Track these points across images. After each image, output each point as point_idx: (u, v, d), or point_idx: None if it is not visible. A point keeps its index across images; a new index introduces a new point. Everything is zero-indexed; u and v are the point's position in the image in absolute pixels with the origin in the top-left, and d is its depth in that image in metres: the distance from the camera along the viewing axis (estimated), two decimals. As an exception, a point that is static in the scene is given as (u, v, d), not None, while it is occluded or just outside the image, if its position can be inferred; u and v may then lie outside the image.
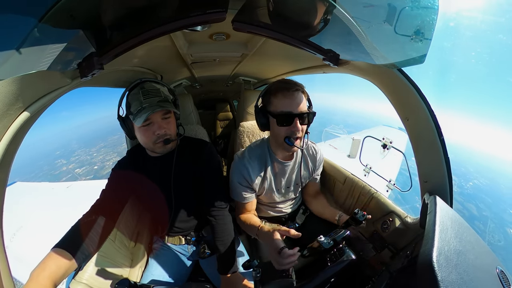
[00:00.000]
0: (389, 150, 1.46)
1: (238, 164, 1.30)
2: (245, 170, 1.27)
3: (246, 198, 1.32)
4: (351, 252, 0.90)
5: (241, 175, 1.28)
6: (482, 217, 43.34)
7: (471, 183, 64.15)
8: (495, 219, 42.54)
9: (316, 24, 0.81)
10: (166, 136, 1.14)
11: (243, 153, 1.33)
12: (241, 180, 1.29)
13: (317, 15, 0.78)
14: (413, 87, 0.95)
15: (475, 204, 47.83)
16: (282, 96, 1.11)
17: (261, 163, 1.31)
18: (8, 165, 0.67)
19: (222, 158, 3.16)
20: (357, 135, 8.74)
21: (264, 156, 1.32)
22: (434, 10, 0.60)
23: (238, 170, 1.29)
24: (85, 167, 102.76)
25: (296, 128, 1.10)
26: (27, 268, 0.78)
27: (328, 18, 0.77)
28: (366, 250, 1.30)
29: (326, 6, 0.73)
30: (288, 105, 1.10)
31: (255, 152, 1.31)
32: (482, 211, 46.24)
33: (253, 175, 1.28)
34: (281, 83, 1.14)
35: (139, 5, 0.61)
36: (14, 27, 0.46)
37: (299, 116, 1.10)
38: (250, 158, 1.29)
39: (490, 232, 36.61)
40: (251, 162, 1.28)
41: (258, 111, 1.22)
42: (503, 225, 40.54)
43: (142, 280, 1.24)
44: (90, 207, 1.11)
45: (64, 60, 0.62)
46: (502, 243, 35.06)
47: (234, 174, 1.30)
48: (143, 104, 1.08)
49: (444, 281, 0.51)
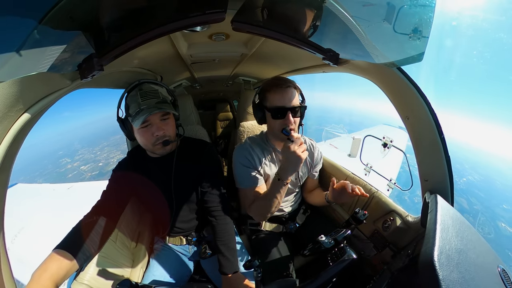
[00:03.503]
0: (389, 149, 1.46)
1: (240, 149, 1.36)
2: (248, 153, 1.33)
3: (256, 180, 1.30)
4: (352, 252, 0.90)
5: (245, 157, 1.32)
6: (473, 210, 44.41)
7: (465, 179, 64.92)
8: (486, 213, 43.50)
9: (315, 24, 0.81)
10: (165, 138, 1.13)
11: (243, 142, 1.42)
12: (246, 162, 1.31)
13: (317, 15, 0.78)
14: (413, 85, 0.95)
15: (466, 198, 48.88)
16: (276, 92, 1.20)
17: (262, 149, 1.38)
18: (9, 166, 0.67)
19: (222, 158, 3.16)
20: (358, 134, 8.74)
21: (264, 144, 1.40)
22: (431, 8, 0.60)
23: (241, 154, 1.33)
24: (89, 164, 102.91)
25: (288, 121, 1.19)
26: (28, 269, 0.79)
27: (328, 18, 0.77)
28: (367, 250, 1.30)
29: (326, 5, 0.73)
30: (281, 100, 1.19)
31: (255, 141, 1.41)
32: (473, 205, 47.35)
33: (256, 158, 1.33)
34: (275, 80, 1.24)
35: (138, 6, 0.62)
36: (14, 29, 0.47)
37: (291, 110, 1.19)
38: (252, 144, 1.37)
39: (480, 225, 37.35)
40: (253, 147, 1.36)
41: (256, 106, 1.33)
42: (495, 219, 41.44)
43: (143, 280, 1.24)
44: (91, 208, 1.11)
45: (64, 62, 0.62)
46: (492, 236, 36.06)
47: (238, 158, 1.33)
48: (141, 106, 1.08)
49: (445, 280, 0.51)
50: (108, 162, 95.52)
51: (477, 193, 54.76)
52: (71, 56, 0.63)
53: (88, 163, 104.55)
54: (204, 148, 1.32)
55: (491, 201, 49.68)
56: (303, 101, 1.32)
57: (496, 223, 39.66)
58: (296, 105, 1.21)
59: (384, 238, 1.22)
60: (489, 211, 44.33)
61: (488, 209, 45.20)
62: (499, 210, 45.19)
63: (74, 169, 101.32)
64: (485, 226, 37.77)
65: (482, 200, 50.26)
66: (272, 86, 1.21)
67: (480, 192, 56.33)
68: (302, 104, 1.28)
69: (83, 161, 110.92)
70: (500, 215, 43.19)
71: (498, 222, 39.85)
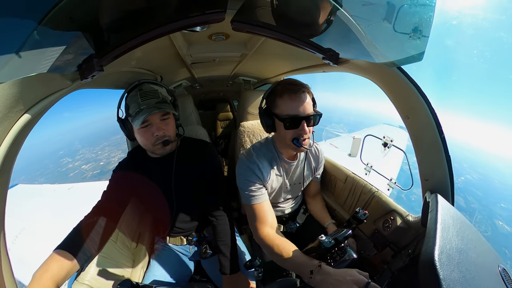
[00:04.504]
0: (390, 148, 1.45)
1: (247, 162, 1.22)
2: (256, 167, 1.20)
3: (261, 197, 1.19)
4: (353, 251, 0.90)
5: (251, 171, 1.19)
6: (470, 208, 44.82)
7: (463, 178, 65.34)
8: (483, 211, 43.87)
9: (315, 23, 0.81)
10: (165, 138, 1.13)
11: (249, 152, 1.28)
12: (252, 177, 1.19)
13: (316, 14, 0.78)
14: (413, 85, 0.95)
15: (463, 197, 49.43)
16: (289, 98, 1.08)
17: (269, 161, 1.27)
18: (9, 167, 0.67)
19: (222, 158, 3.16)
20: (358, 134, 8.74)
21: (271, 155, 1.28)
22: (431, 7, 0.60)
23: (247, 168, 1.20)
24: (91, 163, 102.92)
25: (303, 131, 1.09)
26: (29, 270, 0.79)
27: (327, 17, 0.77)
28: (367, 249, 1.30)
29: (325, 5, 0.73)
30: (295, 108, 1.07)
31: (261, 151, 1.27)
32: (470, 203, 47.72)
33: (265, 173, 1.22)
34: (287, 84, 1.11)
35: (138, 6, 0.61)
36: (13, 30, 0.47)
37: (306, 119, 1.08)
38: (258, 156, 1.24)
39: (476, 223, 37.82)
40: (261, 160, 1.23)
41: (263, 113, 1.20)
42: (492, 217, 41.80)
43: (144, 280, 1.24)
44: (92, 208, 1.11)
45: (64, 63, 0.62)
46: (489, 233, 36.41)
47: (243, 172, 1.21)
48: (141, 106, 1.08)
49: (446, 280, 0.51)
50: (109, 161, 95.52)
51: (474, 192, 55.24)
52: (71, 56, 0.63)
53: (90, 162, 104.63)
54: (204, 148, 1.32)
55: (488, 200, 50.13)
56: (314, 105, 1.18)
57: (493, 221, 40.10)
58: (310, 113, 1.09)
59: (385, 237, 1.22)
60: (486, 210, 44.78)
61: (486, 208, 45.65)
62: (497, 209, 45.65)
63: (76, 168, 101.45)
64: (481, 224, 38.22)
65: (479, 199, 50.69)
66: (284, 91, 1.08)
67: (477, 190, 56.79)
68: (316, 110, 1.16)
69: (84, 160, 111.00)
70: (498, 213, 43.63)
71: (496, 220, 40.27)
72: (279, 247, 1.01)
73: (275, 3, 0.75)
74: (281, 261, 0.99)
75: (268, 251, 1.08)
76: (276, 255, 1.01)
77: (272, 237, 1.08)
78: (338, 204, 1.62)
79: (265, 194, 1.21)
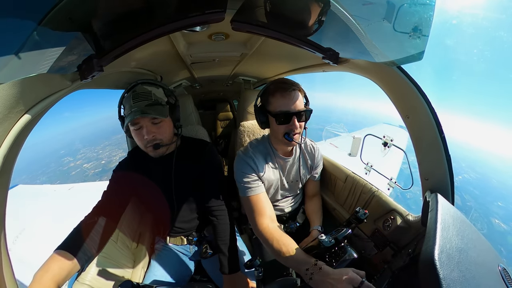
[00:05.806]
0: (390, 148, 1.45)
1: (243, 157, 1.29)
2: (251, 160, 1.27)
3: (257, 189, 1.23)
4: (353, 251, 0.90)
5: (247, 165, 1.25)
6: (466, 206, 45.40)
7: (460, 177, 65.99)
8: (480, 210, 44.33)
9: (315, 23, 0.81)
10: (155, 141, 1.12)
11: (246, 149, 1.34)
12: (247, 169, 1.25)
13: (316, 14, 0.78)
14: (413, 84, 0.95)
15: (460, 195, 50.12)
16: (280, 96, 1.16)
17: (265, 156, 1.34)
18: (10, 168, 0.67)
19: (222, 158, 3.16)
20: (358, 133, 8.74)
21: (267, 151, 1.35)
22: (431, 6, 0.60)
23: (244, 162, 1.27)
24: (92, 162, 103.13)
25: (294, 126, 1.16)
26: (30, 270, 0.79)
27: (327, 17, 0.77)
28: (367, 249, 1.30)
29: (325, 4, 0.72)
30: (286, 104, 1.15)
31: (257, 148, 1.35)
32: (466, 201, 48.37)
33: (260, 166, 1.28)
34: (279, 83, 1.19)
35: (138, 6, 0.62)
36: (13, 31, 0.47)
37: (296, 115, 1.16)
38: (254, 152, 1.31)
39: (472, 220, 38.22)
40: (256, 155, 1.30)
41: (258, 110, 1.29)
42: (488, 215, 42.22)
43: (144, 281, 1.24)
44: (92, 208, 1.11)
45: (64, 63, 0.62)
46: (485, 231, 36.80)
47: (240, 166, 1.27)
48: (132, 108, 1.07)
49: (446, 279, 0.51)
50: (110, 160, 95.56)
51: (471, 191, 55.85)
52: (71, 57, 0.63)
53: (91, 161, 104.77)
54: (204, 148, 1.32)
55: (485, 198, 50.61)
56: (307, 103, 1.29)
57: (489, 219, 40.54)
58: (301, 109, 1.17)
59: (385, 237, 1.22)
60: (483, 208, 45.24)
61: (482, 206, 46.14)
62: (494, 207, 46.10)
63: (77, 167, 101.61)
64: (477, 222, 38.62)
65: (476, 197, 51.25)
66: (276, 89, 1.17)
67: (475, 189, 57.38)
68: (307, 107, 1.25)
69: (85, 159, 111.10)
70: (495, 212, 44.06)
71: (492, 219, 40.70)
72: (278, 242, 1.01)
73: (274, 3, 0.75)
74: (279, 257, 0.99)
75: (267, 245, 1.08)
76: (275, 250, 1.01)
77: (272, 230, 1.08)
78: (338, 203, 1.62)
79: (261, 186, 1.26)
